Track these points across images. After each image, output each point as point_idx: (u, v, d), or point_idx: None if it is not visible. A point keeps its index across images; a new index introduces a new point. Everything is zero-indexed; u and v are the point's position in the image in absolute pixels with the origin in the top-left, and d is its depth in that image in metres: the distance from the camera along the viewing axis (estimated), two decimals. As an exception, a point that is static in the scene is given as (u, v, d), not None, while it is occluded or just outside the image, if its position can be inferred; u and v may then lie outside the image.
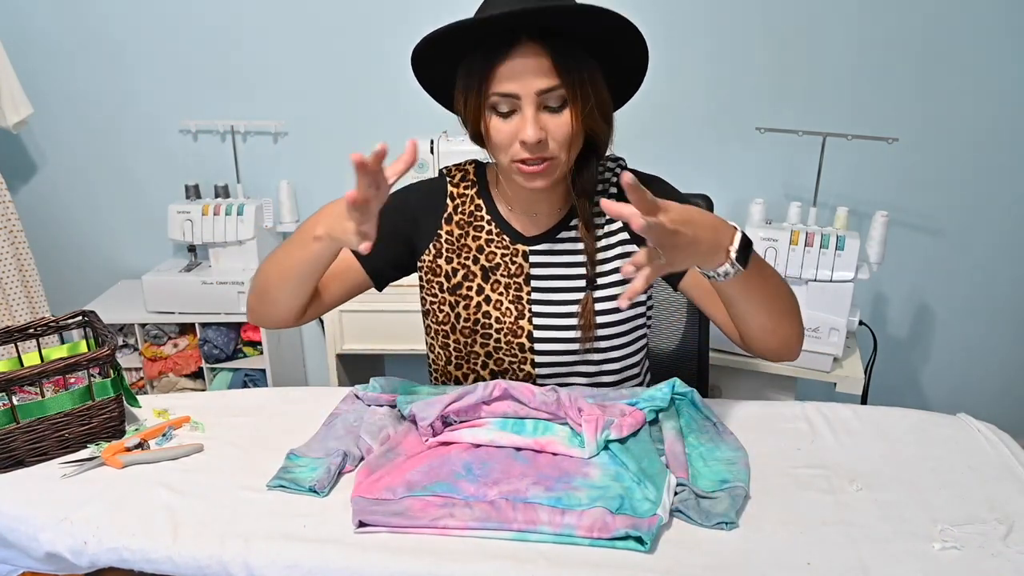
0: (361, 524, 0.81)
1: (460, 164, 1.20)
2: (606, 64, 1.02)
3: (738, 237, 0.88)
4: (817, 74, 2.12)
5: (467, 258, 1.15)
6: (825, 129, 1.86)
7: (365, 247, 0.88)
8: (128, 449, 0.99)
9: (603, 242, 1.13)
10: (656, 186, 1.14)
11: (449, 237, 1.15)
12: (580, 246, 1.13)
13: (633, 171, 1.16)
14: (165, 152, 2.40)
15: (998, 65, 2.05)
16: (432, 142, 2.04)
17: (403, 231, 1.16)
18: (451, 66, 1.03)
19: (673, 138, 2.22)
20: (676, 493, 0.84)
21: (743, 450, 0.93)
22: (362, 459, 0.94)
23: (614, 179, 1.14)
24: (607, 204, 0.79)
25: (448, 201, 1.16)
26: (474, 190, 1.16)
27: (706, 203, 1.53)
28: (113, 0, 2.24)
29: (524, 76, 0.97)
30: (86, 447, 1.01)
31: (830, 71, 2.12)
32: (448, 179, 1.18)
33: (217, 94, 2.33)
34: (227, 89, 2.32)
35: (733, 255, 0.87)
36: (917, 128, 2.10)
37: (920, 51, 2.06)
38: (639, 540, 0.77)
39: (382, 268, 1.16)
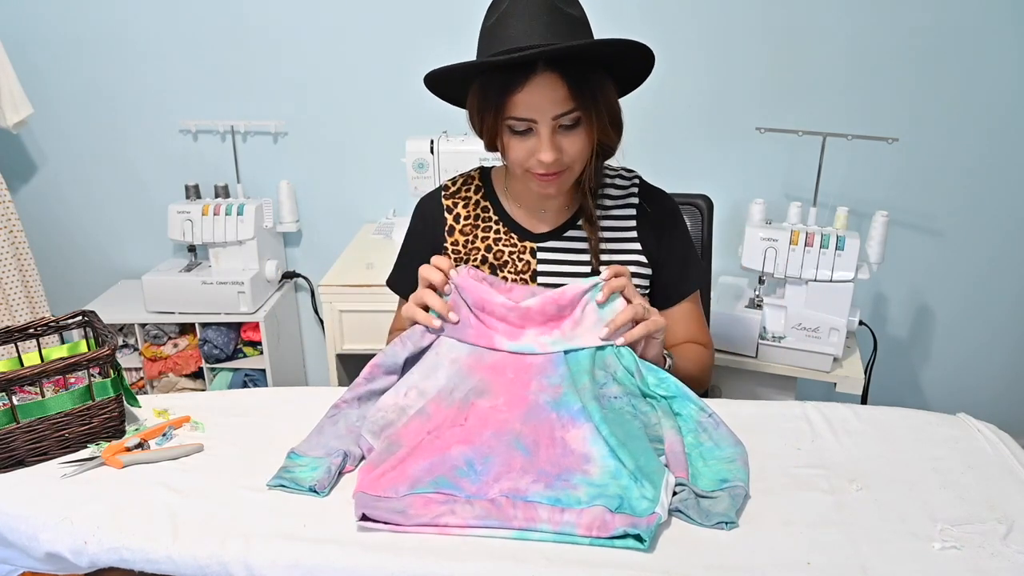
0: (364, 517, 0.81)
1: (464, 172, 1.25)
2: (613, 66, 1.03)
3: None
4: (817, 74, 2.12)
5: (476, 259, 1.19)
6: (825, 129, 1.86)
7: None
8: (128, 449, 0.98)
9: (607, 235, 1.17)
10: (663, 200, 1.20)
11: (455, 247, 1.20)
12: (586, 245, 1.16)
13: (643, 184, 1.20)
14: (165, 152, 2.40)
15: (998, 65, 2.05)
16: (432, 142, 2.03)
17: (426, 251, 1.19)
18: (464, 80, 1.05)
19: (673, 138, 2.22)
20: (675, 493, 0.84)
21: (741, 445, 0.93)
22: (363, 459, 0.95)
23: (634, 189, 1.19)
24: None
25: (446, 215, 1.21)
26: (480, 194, 1.21)
27: (706, 203, 1.53)
28: (113, 0, 2.24)
29: (541, 103, 0.99)
30: (86, 447, 1.01)
31: (830, 71, 2.12)
32: (443, 193, 1.23)
33: (217, 94, 2.33)
34: (227, 89, 2.32)
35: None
36: (917, 128, 2.10)
37: (920, 51, 2.06)
38: (638, 538, 0.77)
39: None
